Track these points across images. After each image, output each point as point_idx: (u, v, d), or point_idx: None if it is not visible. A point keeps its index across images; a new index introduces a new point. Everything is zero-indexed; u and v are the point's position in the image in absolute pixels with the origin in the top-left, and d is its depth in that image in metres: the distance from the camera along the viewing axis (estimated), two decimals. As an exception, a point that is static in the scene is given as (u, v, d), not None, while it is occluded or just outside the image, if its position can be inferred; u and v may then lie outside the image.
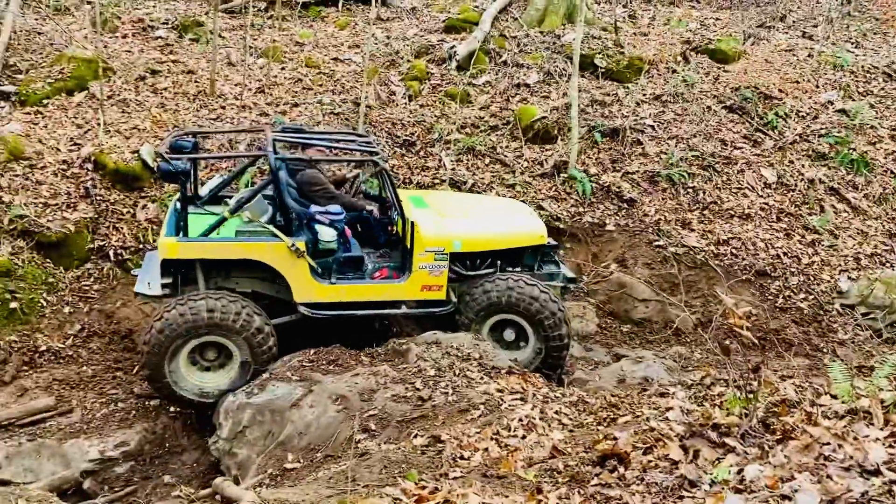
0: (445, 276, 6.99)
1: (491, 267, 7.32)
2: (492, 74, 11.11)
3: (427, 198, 7.72)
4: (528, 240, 7.38)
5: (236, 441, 5.87)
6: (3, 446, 6.34)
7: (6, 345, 7.18)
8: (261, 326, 6.51)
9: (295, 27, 12.22)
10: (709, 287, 8.96)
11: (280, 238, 6.54)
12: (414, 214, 7.01)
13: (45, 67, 9.68)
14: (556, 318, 7.02)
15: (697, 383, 5.13)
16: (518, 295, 6.97)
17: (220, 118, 9.71)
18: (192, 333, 6.42)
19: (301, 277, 6.67)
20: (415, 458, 4.07)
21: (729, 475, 2.32)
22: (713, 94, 11.07)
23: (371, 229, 7.57)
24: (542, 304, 6.98)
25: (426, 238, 6.83)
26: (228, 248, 6.57)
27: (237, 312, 6.42)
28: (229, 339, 6.49)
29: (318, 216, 6.81)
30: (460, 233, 7.04)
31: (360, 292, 6.91)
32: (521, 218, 7.70)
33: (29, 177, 8.16)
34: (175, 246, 6.42)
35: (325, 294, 6.78)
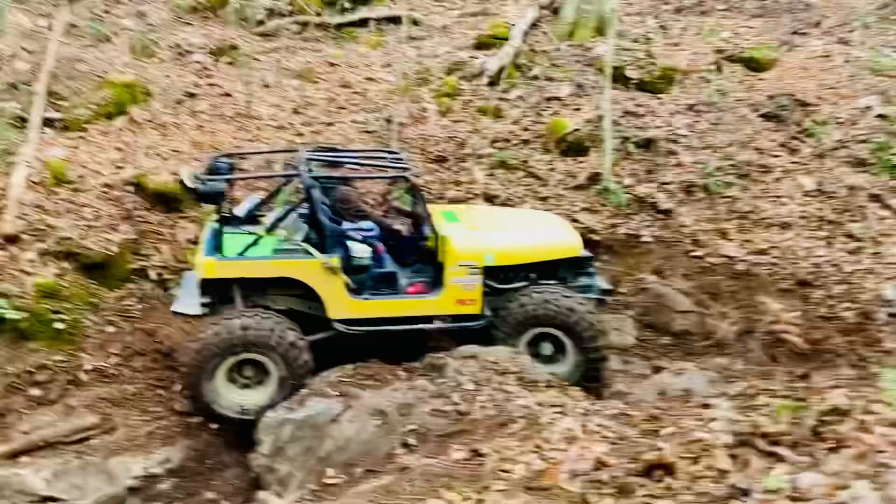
0: (479, 289, 6.97)
1: (525, 280, 7.28)
2: (523, 88, 11.12)
3: (459, 212, 7.73)
4: (562, 252, 7.33)
5: (277, 457, 5.90)
6: (50, 464, 6.48)
7: (52, 364, 7.33)
8: (294, 341, 6.56)
9: (328, 48, 12.38)
10: (749, 297, 8.81)
11: (314, 255, 6.60)
12: (445, 229, 7.02)
13: (87, 94, 9.93)
14: (594, 329, 6.96)
15: (741, 394, 5.03)
16: (555, 307, 6.92)
17: (256, 139, 9.87)
18: (228, 351, 6.49)
19: (335, 294, 6.72)
20: (456, 472, 4.06)
21: (782, 483, 2.27)
22: (748, 102, 10.93)
23: (403, 246, 7.60)
24: (579, 316, 6.92)
25: (458, 252, 6.84)
26: (264, 266, 6.66)
27: (271, 329, 6.48)
28: (265, 355, 6.55)
29: (350, 233, 6.88)
30: (493, 246, 7.03)
31: (393, 307, 6.94)
32: (554, 230, 7.66)
33: (73, 200, 8.37)
34: (213, 265, 6.52)
35: (359, 310, 6.82)
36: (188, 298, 6.95)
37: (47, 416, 7.04)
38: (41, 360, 7.28)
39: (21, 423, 6.96)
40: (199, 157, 9.30)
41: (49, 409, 7.12)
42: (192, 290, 6.92)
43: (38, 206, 8.16)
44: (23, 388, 7.15)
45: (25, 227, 7.88)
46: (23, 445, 6.66)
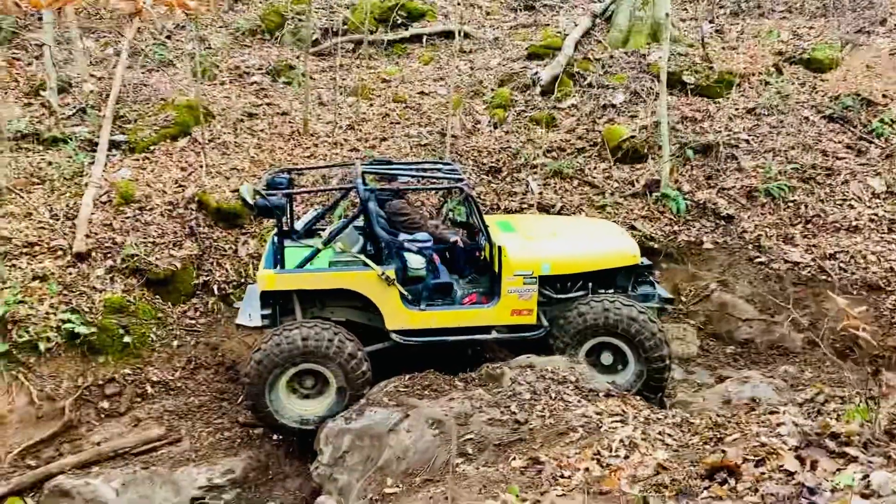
0: (535, 299, 6.91)
1: (582, 289, 7.19)
2: (577, 97, 11.06)
3: (514, 222, 7.70)
4: (619, 260, 7.21)
5: (337, 466, 5.94)
6: (119, 474, 6.66)
7: (121, 378, 7.55)
8: (353, 352, 6.61)
9: (381, 65, 12.56)
10: (816, 304, 8.51)
11: (371, 267, 6.67)
12: (501, 239, 7.00)
13: (151, 116, 10.29)
14: (657, 338, 6.81)
15: (809, 401, 4.85)
16: (615, 316, 6.81)
17: (313, 156, 10.05)
18: (288, 362, 6.58)
19: (392, 305, 6.76)
20: (513, 478, 4.01)
21: (853, 482, 2.17)
22: (811, 104, 10.64)
23: (459, 257, 7.61)
24: (640, 325, 6.79)
25: (514, 262, 6.80)
26: (322, 278, 6.73)
27: (329, 339, 6.55)
28: (324, 365, 6.62)
29: (406, 244, 6.92)
30: (549, 255, 6.96)
31: (450, 318, 6.93)
32: (611, 238, 7.54)
33: (138, 218, 8.65)
34: (273, 278, 6.64)
35: (415, 321, 6.84)
36: (250, 311, 7.09)
37: (116, 428, 7.25)
38: (110, 374, 7.51)
39: (92, 434, 7.19)
40: (258, 174, 9.52)
41: (118, 420, 7.33)
42: (254, 304, 7.06)
43: (107, 225, 8.46)
44: (93, 400, 7.38)
45: (94, 245, 8.17)
46: (93, 456, 6.87)
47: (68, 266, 7.90)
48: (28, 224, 8.23)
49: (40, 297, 7.49)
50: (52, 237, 8.14)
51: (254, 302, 7.06)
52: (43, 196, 8.69)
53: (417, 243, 6.97)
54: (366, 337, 6.97)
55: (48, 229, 8.22)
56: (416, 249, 6.92)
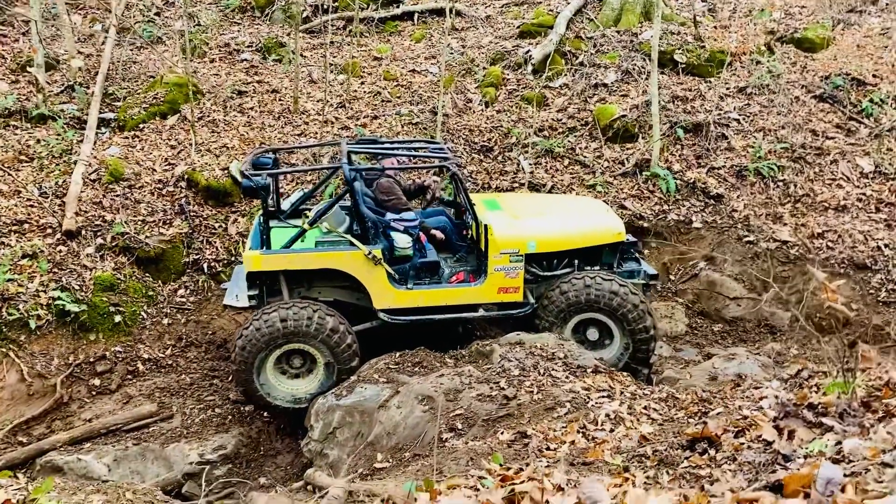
0: (521, 277, 6.95)
1: (568, 267, 7.24)
2: (568, 76, 11.04)
3: (500, 200, 7.71)
4: (604, 237, 7.25)
5: (327, 442, 6.00)
6: (111, 450, 6.70)
7: (111, 355, 7.57)
8: (335, 327, 6.63)
9: (372, 43, 12.50)
10: (803, 282, 8.59)
11: (357, 247, 6.68)
12: (487, 217, 7.02)
13: (140, 94, 10.23)
14: (639, 310, 6.89)
15: (794, 376, 4.92)
16: (597, 292, 6.87)
17: (303, 133, 10.02)
18: (271, 345, 6.60)
19: (379, 284, 6.78)
20: (501, 451, 4.06)
21: (825, 448, 2.22)
22: (801, 83, 10.66)
23: (447, 235, 7.63)
24: (622, 299, 6.86)
25: (500, 240, 6.83)
26: (308, 258, 6.72)
27: (309, 318, 6.57)
28: (308, 343, 6.64)
29: (393, 223, 6.92)
30: (535, 233, 7.00)
31: (437, 297, 6.95)
32: (596, 215, 7.57)
33: (128, 196, 8.62)
34: (259, 258, 6.63)
35: (403, 300, 6.87)
36: (237, 292, 7.10)
37: (108, 405, 7.29)
38: (101, 351, 7.53)
39: (83, 411, 7.22)
40: (248, 152, 9.49)
41: (109, 397, 7.36)
42: (241, 284, 7.07)
43: (96, 203, 8.43)
44: (84, 378, 7.40)
45: (84, 223, 8.15)
46: (85, 432, 6.91)
47: (58, 244, 7.88)
48: (17, 202, 8.20)
49: (30, 275, 7.48)
50: (41, 215, 8.12)
51: (241, 282, 7.06)
52: (32, 174, 8.65)
53: (404, 222, 6.98)
54: (355, 316, 7.00)
55: (37, 207, 8.20)
56: (402, 229, 6.93)
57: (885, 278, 8.50)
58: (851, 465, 1.95)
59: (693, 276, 9.01)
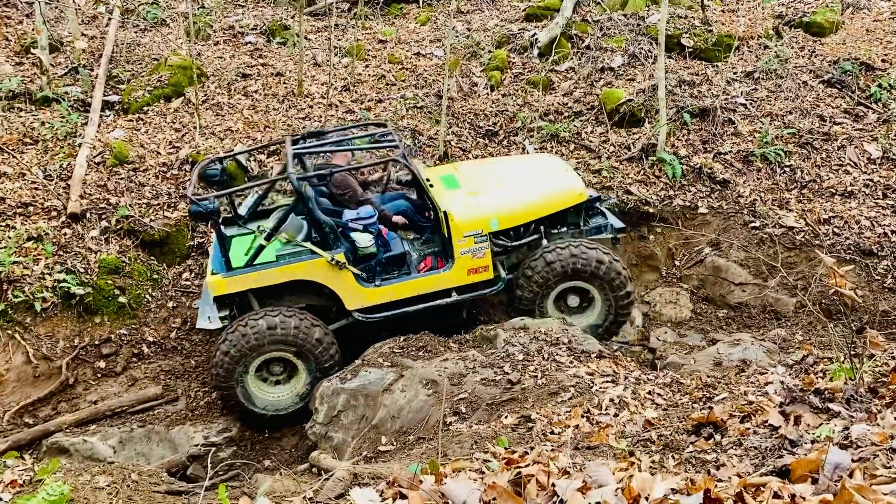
0: (489, 255, 6.93)
1: (536, 233, 7.21)
2: (574, 60, 10.96)
3: (457, 174, 7.53)
4: (566, 201, 7.23)
5: (332, 425, 6.02)
6: (116, 432, 6.75)
7: (117, 338, 7.60)
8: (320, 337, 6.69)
9: (377, 26, 12.42)
10: (809, 268, 8.56)
11: (319, 254, 6.57)
12: (445, 202, 6.89)
13: (144, 77, 10.20)
14: (622, 277, 7.02)
15: (799, 362, 4.91)
16: (584, 261, 6.93)
17: (307, 117, 9.97)
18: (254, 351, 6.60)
19: (348, 287, 6.71)
20: (505, 435, 4.07)
21: (832, 433, 2.21)
22: (809, 68, 10.56)
23: (411, 221, 7.56)
24: (608, 267, 6.97)
25: (461, 224, 6.78)
26: (272, 274, 6.60)
27: (296, 327, 6.57)
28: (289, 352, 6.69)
29: (350, 224, 6.81)
30: (495, 210, 6.94)
31: (407, 289, 6.90)
32: (555, 178, 7.45)
33: (133, 179, 8.61)
34: (222, 282, 6.53)
35: (374, 297, 6.82)
36: (209, 313, 6.91)
37: (113, 387, 7.33)
38: (106, 334, 7.55)
39: (89, 393, 7.26)
40: (253, 135, 9.46)
41: (114, 380, 7.40)
42: (212, 303, 6.87)
43: (101, 186, 8.43)
44: (89, 360, 7.44)
45: (89, 205, 8.15)
46: (91, 414, 6.95)
47: (63, 226, 7.89)
48: (22, 184, 8.19)
49: (35, 258, 7.49)
50: (46, 197, 8.11)
51: (211, 302, 6.87)
52: (36, 156, 8.64)
53: (361, 220, 6.83)
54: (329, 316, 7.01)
55: (42, 189, 8.19)
56: (361, 227, 6.81)
57: (891, 264, 8.45)
58: (859, 450, 1.94)
59: (698, 262, 8.98)
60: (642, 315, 8.52)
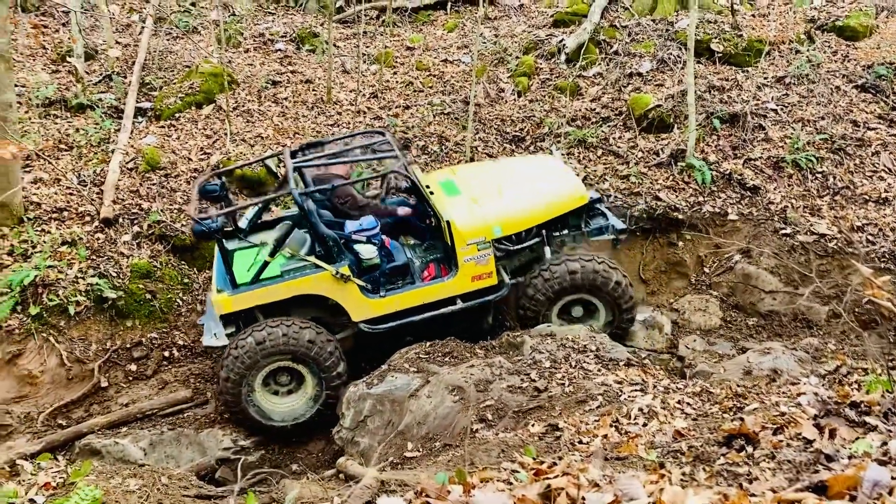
0: (492, 262, 6.92)
1: (538, 236, 7.19)
2: (602, 65, 10.92)
3: (457, 179, 7.46)
4: (566, 205, 7.21)
5: (358, 430, 6.04)
6: (147, 435, 6.83)
7: (148, 341, 7.70)
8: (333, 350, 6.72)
9: (405, 33, 12.48)
10: (842, 276, 8.42)
11: (324, 268, 6.58)
12: (447, 209, 6.87)
13: (176, 84, 10.34)
14: (622, 286, 7.07)
15: (832, 372, 4.83)
16: (581, 275, 6.96)
17: (336, 124, 10.05)
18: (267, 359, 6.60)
19: (353, 299, 6.72)
20: (532, 444, 4.05)
21: (871, 448, 2.17)
22: (842, 73, 10.40)
23: (413, 227, 7.54)
24: (605, 278, 7.01)
25: (465, 232, 6.76)
26: (277, 290, 6.60)
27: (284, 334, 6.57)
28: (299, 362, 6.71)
29: (354, 236, 6.79)
30: (497, 217, 6.93)
31: (412, 298, 6.90)
32: (556, 182, 7.40)
33: (164, 185, 8.73)
34: (228, 301, 6.55)
35: (379, 308, 6.82)
36: (215, 330, 6.91)
37: (144, 390, 7.42)
38: (137, 337, 7.66)
39: (120, 396, 7.37)
40: (283, 142, 9.55)
41: (145, 383, 7.50)
42: (218, 320, 6.86)
43: (133, 191, 8.56)
44: (121, 363, 7.55)
45: (121, 211, 8.28)
46: (122, 417, 7.05)
47: (96, 231, 8.02)
48: (57, 189, 8.35)
49: (69, 262, 7.62)
50: (80, 203, 8.26)
51: (217, 317, 6.86)
52: (71, 162, 8.80)
53: (364, 232, 6.81)
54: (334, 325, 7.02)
55: (76, 195, 8.34)
56: (364, 239, 6.79)
57: (927, 273, 8.29)
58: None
59: (728, 269, 8.88)
60: (671, 322, 8.45)
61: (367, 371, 6.63)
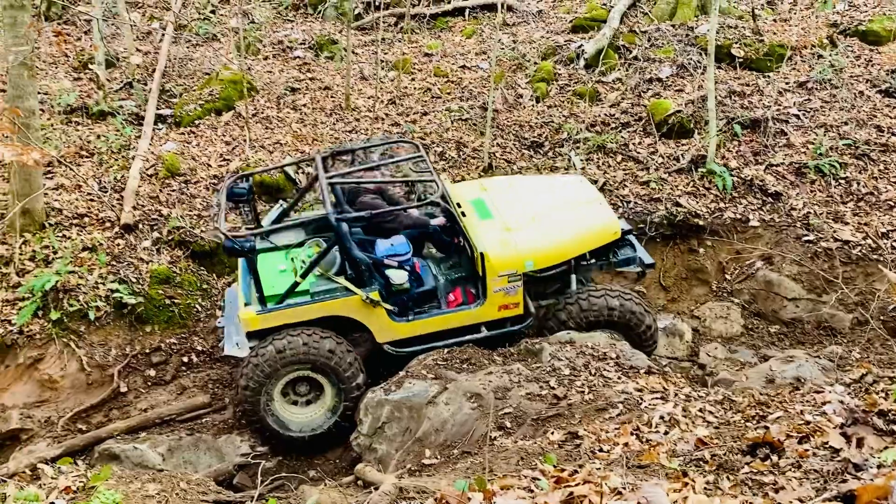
0: (521, 293, 6.84)
1: (565, 265, 7.09)
2: (622, 71, 10.86)
3: (489, 200, 7.29)
4: (601, 240, 7.12)
5: (376, 437, 6.02)
6: (165, 440, 6.85)
7: (167, 347, 7.73)
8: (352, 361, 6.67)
9: (423, 39, 12.50)
10: (867, 283, 8.29)
11: (354, 292, 6.54)
12: (480, 238, 6.77)
13: (196, 90, 10.42)
14: (638, 315, 6.97)
15: (857, 381, 4.74)
16: (619, 311, 6.92)
17: (354, 130, 10.07)
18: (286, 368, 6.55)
19: (380, 322, 6.69)
20: (552, 451, 4.01)
21: (900, 458, 2.11)
22: (865, 77, 10.28)
23: (439, 241, 7.46)
24: (638, 318, 6.96)
25: (497, 264, 6.67)
26: (306, 311, 6.57)
27: (331, 350, 6.56)
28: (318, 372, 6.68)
29: (386, 261, 6.74)
30: (531, 251, 6.82)
31: (438, 323, 6.86)
32: (590, 213, 7.26)
33: (184, 191, 8.79)
34: (256, 319, 6.51)
35: (405, 331, 6.79)
36: (237, 339, 6.88)
37: (162, 396, 7.44)
38: (156, 343, 7.69)
39: (139, 401, 7.39)
40: (301, 148, 9.59)
41: (164, 388, 7.52)
42: (239, 327, 6.81)
43: (153, 198, 8.61)
44: (140, 368, 7.58)
45: (141, 217, 8.33)
46: (141, 422, 7.07)
47: (116, 237, 8.07)
48: (78, 196, 8.42)
49: (90, 268, 7.67)
50: (100, 209, 8.32)
51: (238, 327, 6.81)
52: (92, 168, 8.87)
53: (397, 258, 6.76)
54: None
55: (97, 201, 8.41)
56: (396, 265, 6.75)
57: (954, 280, 8.14)
58: (931, 477, 1.85)
59: (749, 276, 8.78)
60: (692, 330, 8.37)
61: (385, 377, 6.60)
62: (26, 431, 7.02)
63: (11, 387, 7.30)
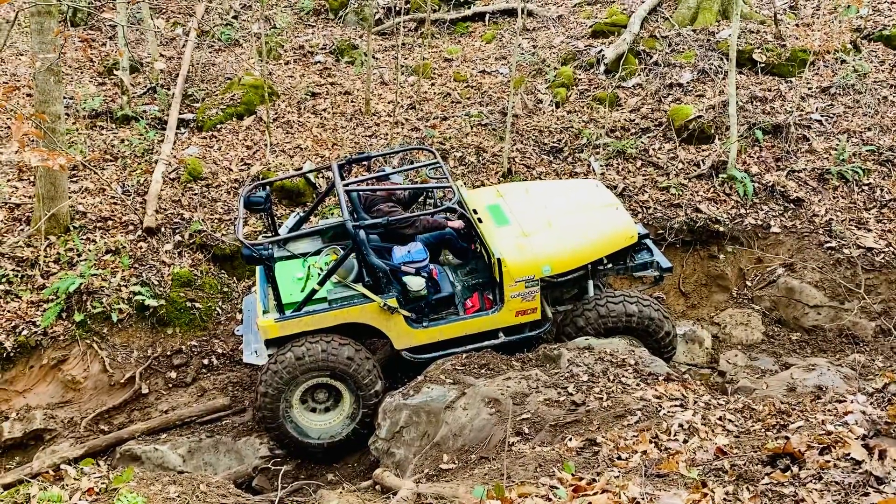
0: (538, 298, 6.82)
1: (582, 269, 7.06)
2: (642, 76, 10.82)
3: (505, 206, 7.28)
4: (618, 244, 7.07)
5: (394, 441, 6.03)
6: (186, 441, 6.92)
7: (187, 349, 7.81)
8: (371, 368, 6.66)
9: (443, 44, 12.53)
10: (890, 291, 8.19)
11: (372, 299, 6.55)
12: (497, 244, 6.76)
13: (218, 95, 10.52)
14: (656, 322, 6.91)
15: (880, 390, 4.69)
16: (638, 318, 6.87)
17: (374, 135, 10.12)
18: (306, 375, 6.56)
19: (398, 328, 6.70)
20: (570, 458, 4.00)
21: (923, 472, 2.09)
22: (890, 83, 10.17)
23: (456, 247, 7.48)
24: (657, 325, 6.92)
25: (514, 270, 6.65)
26: (325, 318, 6.58)
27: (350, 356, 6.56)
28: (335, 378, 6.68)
29: (404, 267, 6.74)
30: (548, 256, 6.78)
31: (455, 329, 6.85)
32: (607, 218, 7.21)
33: (205, 195, 8.87)
34: (275, 327, 6.51)
35: (423, 338, 6.79)
36: (256, 346, 6.89)
37: (183, 398, 7.51)
38: (177, 345, 7.77)
39: (160, 402, 7.47)
40: (321, 152, 9.64)
41: (184, 390, 7.59)
42: (258, 335, 6.84)
43: (175, 201, 8.71)
44: (161, 370, 7.66)
45: (164, 220, 8.43)
46: (161, 423, 7.15)
47: (139, 240, 8.17)
48: (102, 199, 8.54)
49: (113, 270, 7.78)
50: (123, 212, 8.43)
51: (257, 335, 6.84)
52: (116, 172, 8.99)
53: (414, 264, 6.76)
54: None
55: (120, 204, 8.52)
56: (413, 271, 6.75)
57: (980, 289, 8.03)
58: (954, 491, 1.83)
59: (771, 283, 8.70)
60: (711, 337, 8.31)
61: (404, 381, 6.62)
62: (49, 431, 7.12)
63: (35, 387, 7.41)
